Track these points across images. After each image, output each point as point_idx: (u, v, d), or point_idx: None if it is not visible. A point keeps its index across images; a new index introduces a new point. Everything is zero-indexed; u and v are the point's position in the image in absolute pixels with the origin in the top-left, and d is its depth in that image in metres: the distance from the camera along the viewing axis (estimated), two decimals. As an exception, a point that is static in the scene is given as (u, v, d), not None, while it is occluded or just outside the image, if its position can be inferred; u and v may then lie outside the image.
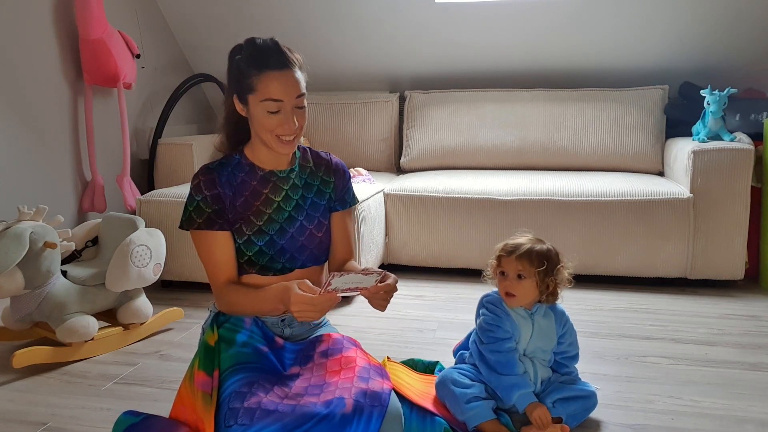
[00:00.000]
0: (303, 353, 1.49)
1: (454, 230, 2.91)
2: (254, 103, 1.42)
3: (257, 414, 1.25)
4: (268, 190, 1.52)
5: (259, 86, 1.40)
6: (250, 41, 1.44)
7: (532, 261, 1.56)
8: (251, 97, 1.42)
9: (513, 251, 1.57)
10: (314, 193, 1.57)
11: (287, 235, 1.51)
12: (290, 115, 1.42)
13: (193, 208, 1.47)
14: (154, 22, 3.51)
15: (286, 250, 1.51)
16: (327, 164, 1.61)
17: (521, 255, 1.56)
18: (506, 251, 1.58)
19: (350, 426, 1.23)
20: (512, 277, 1.57)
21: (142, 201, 2.71)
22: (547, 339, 1.62)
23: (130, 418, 1.42)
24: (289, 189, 1.53)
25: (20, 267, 1.90)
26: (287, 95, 1.41)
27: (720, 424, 1.60)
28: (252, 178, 1.51)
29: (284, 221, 1.51)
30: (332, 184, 1.60)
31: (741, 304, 2.55)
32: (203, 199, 1.46)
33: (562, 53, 3.39)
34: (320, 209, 1.57)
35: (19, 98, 2.61)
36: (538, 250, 1.57)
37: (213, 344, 1.43)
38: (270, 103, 1.40)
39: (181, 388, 1.44)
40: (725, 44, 3.19)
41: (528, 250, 1.56)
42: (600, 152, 3.23)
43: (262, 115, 1.42)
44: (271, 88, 1.39)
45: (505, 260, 1.58)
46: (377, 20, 3.40)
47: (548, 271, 1.56)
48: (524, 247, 1.57)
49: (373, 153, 3.56)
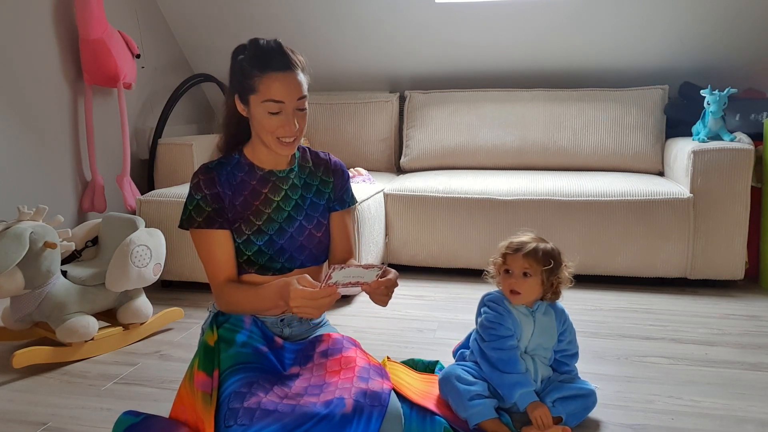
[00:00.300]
0: (303, 353, 1.49)
1: (454, 230, 2.91)
2: (255, 104, 1.42)
3: (257, 414, 1.25)
4: (268, 190, 1.52)
5: (261, 87, 1.40)
6: (254, 42, 1.44)
7: (539, 259, 1.56)
8: (252, 97, 1.42)
9: (519, 249, 1.57)
10: (313, 192, 1.57)
11: (286, 235, 1.51)
12: (291, 116, 1.42)
13: (193, 206, 1.47)
14: (154, 22, 3.51)
15: (286, 249, 1.51)
16: (326, 164, 1.61)
17: (528, 253, 1.56)
18: (512, 249, 1.59)
19: (350, 426, 1.23)
20: (518, 274, 1.57)
21: (142, 201, 2.71)
22: (547, 336, 1.62)
23: (130, 418, 1.42)
24: (289, 189, 1.54)
25: (20, 267, 1.90)
26: (288, 97, 1.41)
27: (720, 424, 1.60)
28: (251, 177, 1.51)
29: (283, 221, 1.51)
30: (331, 184, 1.60)
31: (741, 304, 2.55)
32: (203, 198, 1.46)
33: (562, 53, 3.39)
34: (319, 209, 1.58)
35: (19, 98, 2.61)
36: (543, 248, 1.58)
37: (213, 344, 1.43)
38: (271, 104, 1.40)
39: (181, 388, 1.44)
40: (725, 44, 3.19)
41: (534, 248, 1.57)
42: (600, 152, 3.23)
43: (263, 116, 1.42)
44: (272, 89, 1.40)
45: (511, 258, 1.58)
46: (377, 20, 3.40)
47: (553, 269, 1.57)
48: (530, 245, 1.58)
49: (373, 153, 3.56)
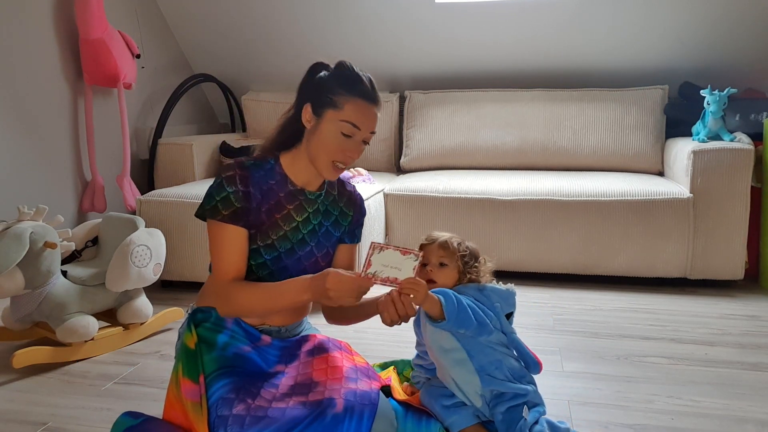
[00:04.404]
0: (288, 351, 1.47)
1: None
2: (331, 120, 1.41)
3: (247, 421, 1.23)
4: (293, 207, 1.48)
5: (347, 106, 1.40)
6: (344, 62, 1.46)
7: (454, 248, 1.56)
8: (331, 112, 1.41)
9: (434, 240, 1.57)
10: (331, 222, 1.55)
11: (294, 257, 1.48)
12: (359, 146, 1.42)
13: (221, 198, 1.40)
14: (154, 22, 3.51)
15: (289, 270, 1.47)
16: (350, 197, 1.59)
17: (443, 243, 1.56)
18: (429, 240, 1.58)
19: (342, 425, 1.22)
20: (434, 264, 1.57)
21: (142, 201, 2.71)
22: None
23: (129, 419, 1.40)
24: (312, 212, 1.51)
25: (20, 267, 1.90)
26: (366, 126, 1.41)
27: (720, 424, 1.60)
28: (281, 189, 1.47)
29: (296, 242, 1.48)
30: (350, 218, 1.58)
31: (741, 304, 2.55)
32: (235, 193, 1.40)
33: (562, 53, 3.39)
34: (332, 239, 1.56)
35: (19, 98, 2.61)
36: (459, 240, 1.58)
37: (193, 347, 1.39)
38: (349, 126, 1.39)
39: (169, 392, 1.41)
40: (725, 44, 3.20)
41: (449, 239, 1.57)
42: (600, 152, 3.23)
43: (334, 134, 1.40)
44: (356, 113, 1.40)
45: (428, 249, 1.57)
46: (377, 20, 3.40)
47: (468, 260, 1.56)
48: (444, 236, 1.58)
49: (373, 153, 3.56)
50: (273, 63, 3.73)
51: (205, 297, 1.49)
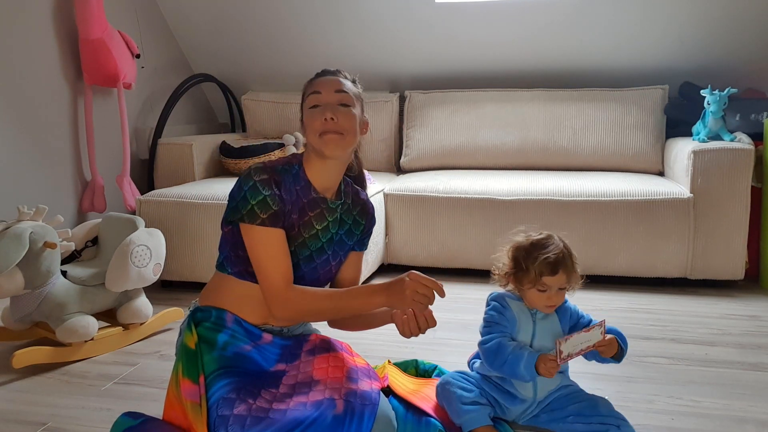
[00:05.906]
0: (289, 350, 1.47)
1: (454, 230, 2.91)
2: (305, 111, 1.45)
3: (248, 421, 1.23)
4: (314, 215, 1.47)
5: (307, 90, 1.45)
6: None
7: (573, 270, 1.48)
8: (303, 105, 1.46)
9: (555, 267, 1.45)
10: (345, 230, 1.54)
11: (312, 265, 1.48)
12: (334, 109, 1.41)
13: (257, 201, 1.36)
14: (154, 22, 3.51)
15: (305, 278, 1.46)
16: (363, 206, 1.59)
17: (566, 269, 1.47)
18: (549, 269, 1.45)
19: (342, 426, 1.22)
20: (555, 289, 1.48)
21: (141, 201, 2.71)
22: (551, 337, 1.53)
23: (129, 420, 1.40)
24: (332, 221, 1.50)
25: (20, 267, 1.90)
26: (326, 88, 1.43)
27: (720, 424, 1.60)
28: (305, 195, 1.46)
29: (315, 250, 1.48)
30: (362, 227, 1.58)
31: (741, 304, 2.55)
32: (271, 196, 1.38)
33: (562, 53, 3.39)
34: (346, 248, 1.56)
35: (19, 98, 2.61)
36: (571, 255, 1.49)
37: (193, 347, 1.38)
38: (311, 97, 1.43)
39: (169, 392, 1.41)
40: (725, 44, 3.19)
41: (569, 262, 1.48)
42: (600, 152, 3.23)
43: (308, 114, 1.43)
44: (313, 85, 1.45)
45: (553, 281, 1.46)
46: (377, 20, 3.40)
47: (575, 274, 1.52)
48: (563, 259, 1.47)
49: (373, 153, 3.56)
50: (273, 63, 3.73)
51: (210, 295, 1.49)
